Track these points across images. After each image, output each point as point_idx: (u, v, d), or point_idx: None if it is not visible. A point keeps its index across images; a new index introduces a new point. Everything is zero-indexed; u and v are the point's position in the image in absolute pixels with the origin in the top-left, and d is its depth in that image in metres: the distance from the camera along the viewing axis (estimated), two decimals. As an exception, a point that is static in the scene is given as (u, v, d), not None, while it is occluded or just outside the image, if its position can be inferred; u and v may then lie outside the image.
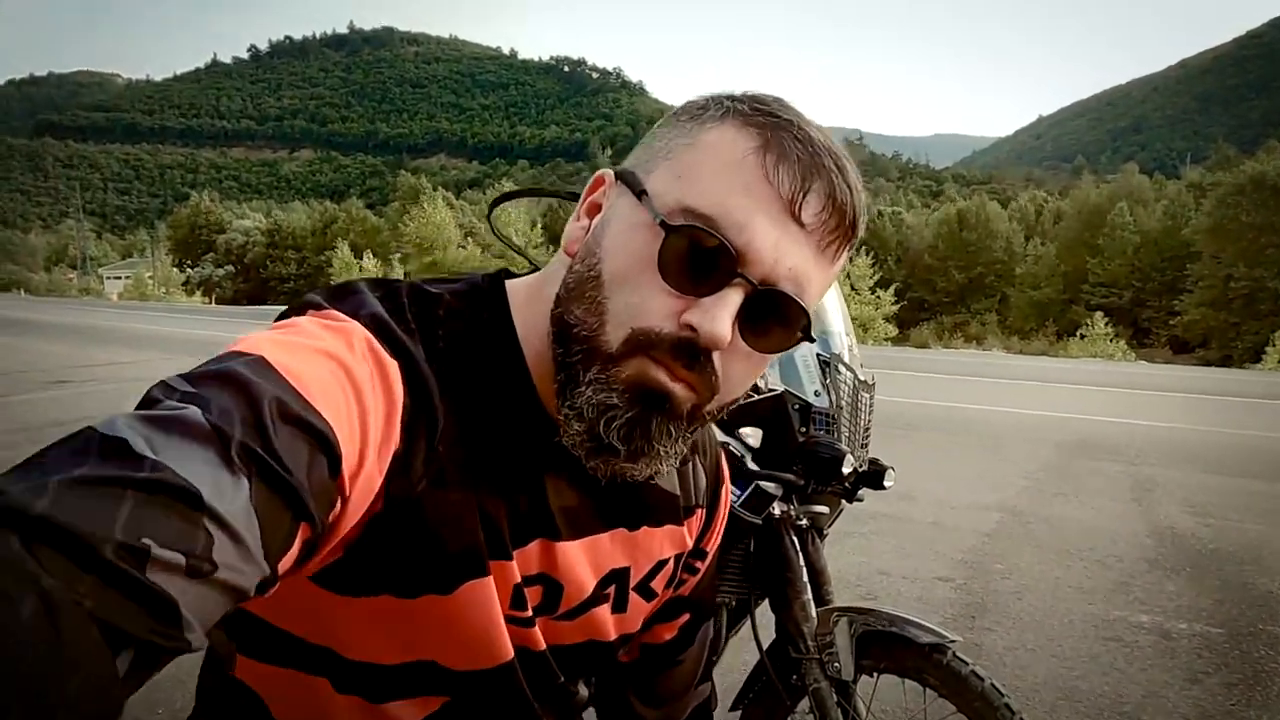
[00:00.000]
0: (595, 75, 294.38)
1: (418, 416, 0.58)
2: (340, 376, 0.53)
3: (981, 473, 5.82)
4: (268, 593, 0.46)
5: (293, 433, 0.47)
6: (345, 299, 0.61)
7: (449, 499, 0.60)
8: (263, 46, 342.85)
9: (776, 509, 1.50)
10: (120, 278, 72.36)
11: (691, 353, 0.58)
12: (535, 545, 0.67)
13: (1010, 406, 9.54)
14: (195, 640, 0.40)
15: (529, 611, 0.68)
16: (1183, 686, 2.68)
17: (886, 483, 1.56)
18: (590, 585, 0.72)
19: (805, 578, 1.51)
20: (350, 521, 0.54)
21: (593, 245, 0.62)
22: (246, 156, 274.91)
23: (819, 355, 1.55)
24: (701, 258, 0.57)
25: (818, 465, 1.46)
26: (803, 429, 1.50)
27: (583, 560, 0.70)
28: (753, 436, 1.51)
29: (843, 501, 1.60)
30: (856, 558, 3.81)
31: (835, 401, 1.53)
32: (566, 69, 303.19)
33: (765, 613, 1.58)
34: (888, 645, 1.43)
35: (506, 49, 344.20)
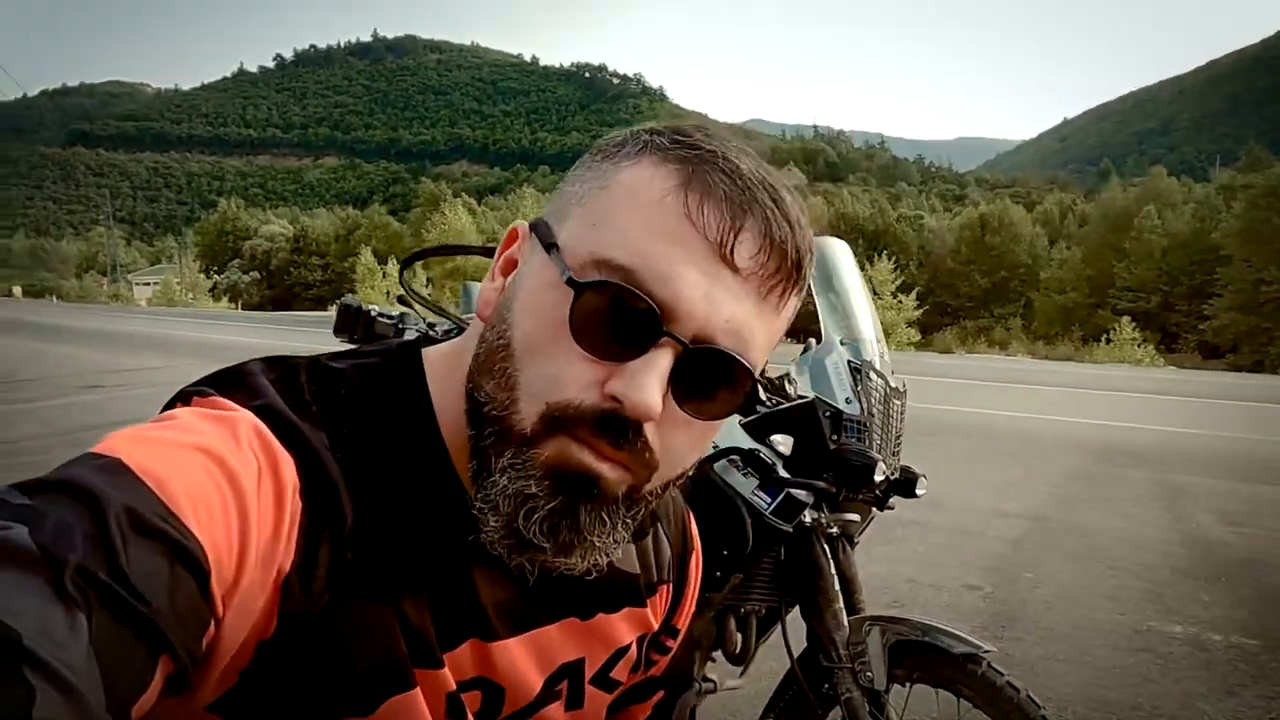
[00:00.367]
0: (616, 81, 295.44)
1: (319, 517, 0.51)
2: (216, 475, 0.46)
3: (1008, 480, 5.75)
4: None
5: (147, 547, 0.41)
6: (234, 384, 0.54)
7: (361, 609, 0.52)
8: (288, 55, 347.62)
9: (808, 516, 1.49)
10: (149, 284, 73.67)
11: (618, 427, 0.50)
12: (467, 647, 0.59)
13: (1036, 412, 9.43)
14: None
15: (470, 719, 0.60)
16: (1219, 699, 2.63)
17: (918, 490, 1.55)
18: (537, 684, 0.64)
19: (837, 586, 1.50)
20: (233, 641, 0.47)
21: (504, 309, 0.55)
22: (272, 164, 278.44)
23: (850, 362, 1.54)
24: (621, 317, 0.50)
25: (849, 473, 1.45)
26: (834, 436, 1.49)
27: (525, 658, 0.63)
28: (784, 444, 1.51)
29: (874, 509, 1.59)
30: (883, 565, 3.78)
31: (866, 408, 1.52)
32: (587, 75, 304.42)
33: (794, 620, 1.57)
34: (921, 655, 1.42)
35: (528, 56, 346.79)
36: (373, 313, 1.94)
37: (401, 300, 1.40)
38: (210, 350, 14.20)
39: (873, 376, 1.54)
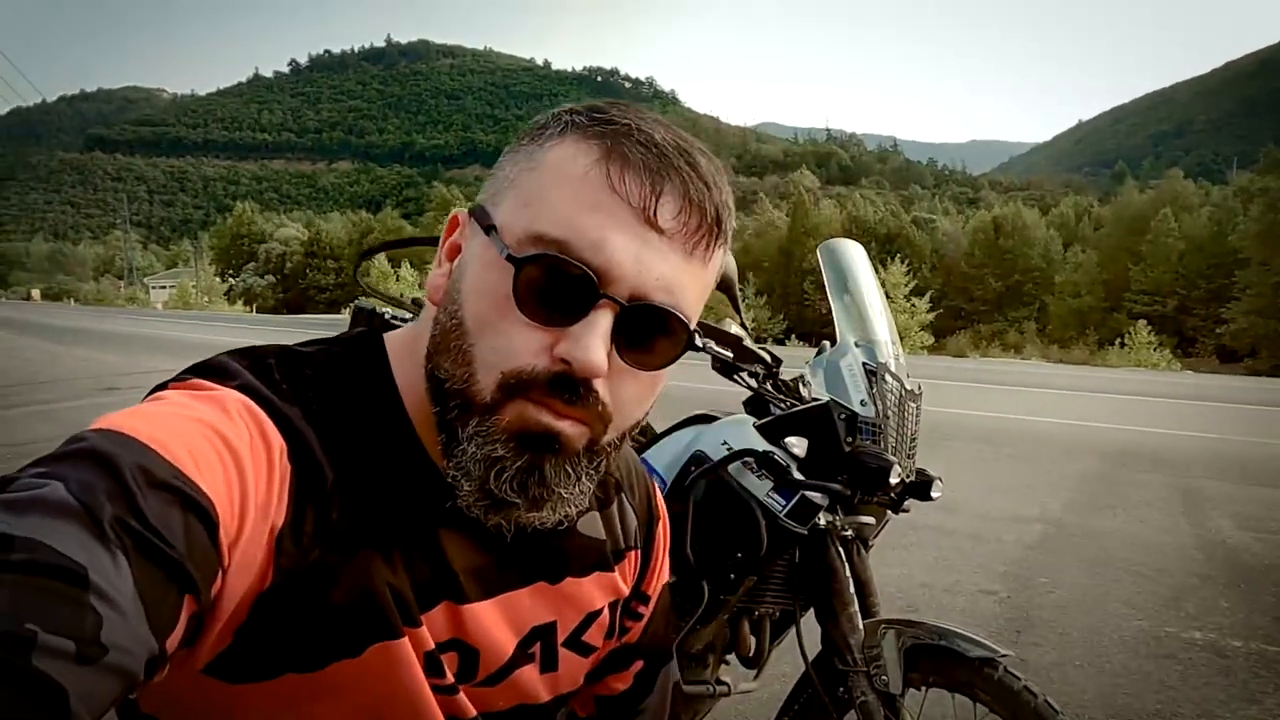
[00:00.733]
0: (628, 85, 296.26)
1: (304, 482, 0.55)
2: (212, 439, 0.50)
3: (1023, 484, 5.71)
4: (156, 676, 0.43)
5: (163, 499, 0.44)
6: (210, 371, 0.58)
7: (347, 564, 0.56)
8: (302, 61, 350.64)
9: (822, 519, 1.48)
10: (165, 287, 74.34)
11: (570, 387, 0.55)
12: (441, 609, 0.62)
13: (1052, 416, 9.36)
14: None
15: (449, 679, 0.63)
16: (1239, 706, 2.59)
17: (934, 493, 1.54)
18: (510, 647, 0.67)
19: (851, 589, 1.49)
20: (233, 596, 0.51)
21: (453, 292, 0.59)
22: (286, 168, 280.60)
23: (865, 364, 1.54)
24: (560, 285, 0.54)
25: (864, 475, 1.44)
26: (849, 439, 1.48)
27: (497, 621, 0.66)
28: (798, 446, 1.50)
29: (888, 512, 1.58)
30: (897, 569, 3.76)
31: (881, 411, 1.51)
32: (599, 79, 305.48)
33: (808, 623, 1.56)
34: (936, 659, 1.41)
35: (540, 60, 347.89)
36: (387, 315, 1.95)
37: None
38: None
39: (888, 379, 1.53)
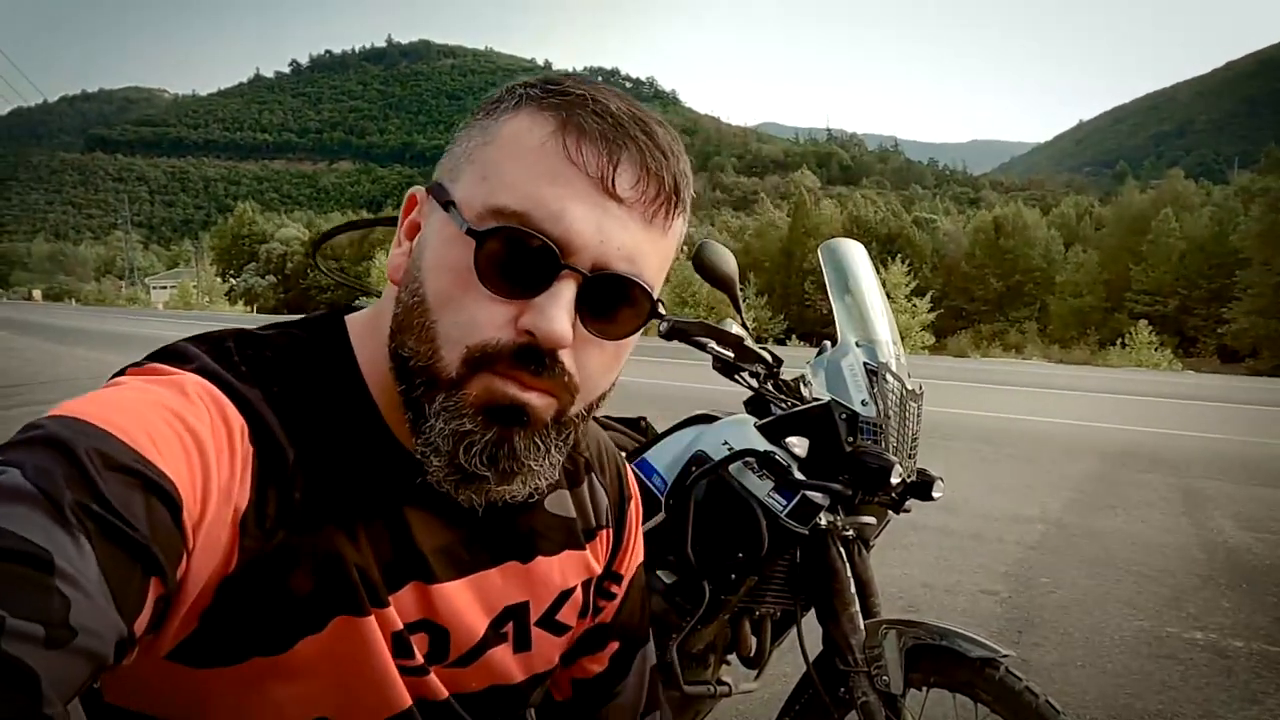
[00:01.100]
0: (629, 85, 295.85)
1: (266, 463, 0.54)
2: (172, 422, 0.49)
3: (1024, 484, 5.70)
4: (125, 659, 0.43)
5: (122, 482, 0.44)
6: (168, 356, 0.57)
7: (311, 545, 0.56)
8: (303, 61, 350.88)
9: (823, 519, 1.48)
10: (166, 287, 74.41)
11: (536, 358, 0.55)
12: (409, 589, 0.62)
13: (1053, 416, 9.36)
14: (56, 716, 0.37)
15: (419, 660, 0.63)
16: (1240, 706, 2.59)
17: (935, 494, 1.53)
18: (481, 627, 0.67)
19: (852, 589, 1.49)
20: (197, 580, 0.50)
21: (413, 269, 0.58)
22: (287, 168, 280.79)
23: (866, 364, 1.53)
24: (521, 257, 0.54)
25: (865, 475, 1.44)
26: (850, 439, 1.48)
27: (468, 601, 0.65)
28: (799, 446, 1.50)
29: (889, 512, 1.58)
30: (898, 570, 3.75)
31: (883, 411, 1.51)
32: (600, 79, 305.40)
33: (809, 623, 1.56)
34: (938, 659, 1.41)
35: (541, 60, 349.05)
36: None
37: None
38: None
39: (889, 379, 1.53)
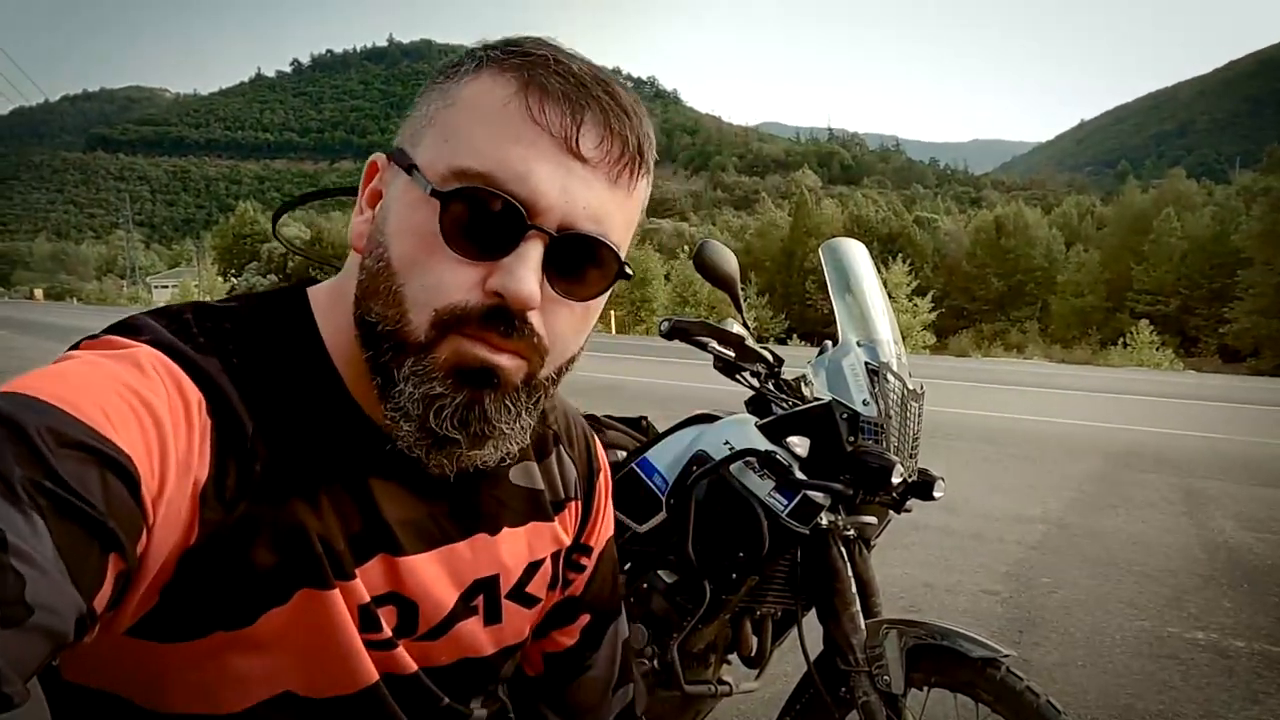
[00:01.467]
0: (630, 85, 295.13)
1: (225, 435, 0.54)
2: (126, 396, 0.48)
3: (1025, 484, 5.70)
4: (86, 636, 0.42)
5: (76, 458, 0.43)
6: (123, 329, 0.56)
7: (273, 517, 0.55)
8: (305, 60, 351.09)
9: (824, 519, 1.48)
10: (167, 286, 74.53)
11: (505, 320, 0.54)
12: (376, 562, 0.61)
13: (1054, 416, 9.35)
14: (16, 695, 0.37)
15: (387, 633, 0.62)
16: (1242, 706, 2.59)
17: (936, 493, 1.53)
18: (450, 600, 0.66)
19: (853, 589, 1.49)
20: (159, 555, 0.49)
21: (377, 235, 0.58)
22: (289, 167, 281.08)
23: (867, 364, 1.53)
24: (487, 218, 0.53)
25: (866, 475, 1.44)
26: (851, 438, 1.48)
27: (437, 574, 0.65)
28: (800, 446, 1.50)
29: (890, 512, 1.57)
30: (899, 569, 3.75)
31: (884, 410, 1.50)
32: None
33: (810, 623, 1.56)
34: (938, 659, 1.41)
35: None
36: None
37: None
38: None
39: (890, 378, 1.53)
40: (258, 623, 0.55)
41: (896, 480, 1.44)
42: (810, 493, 1.44)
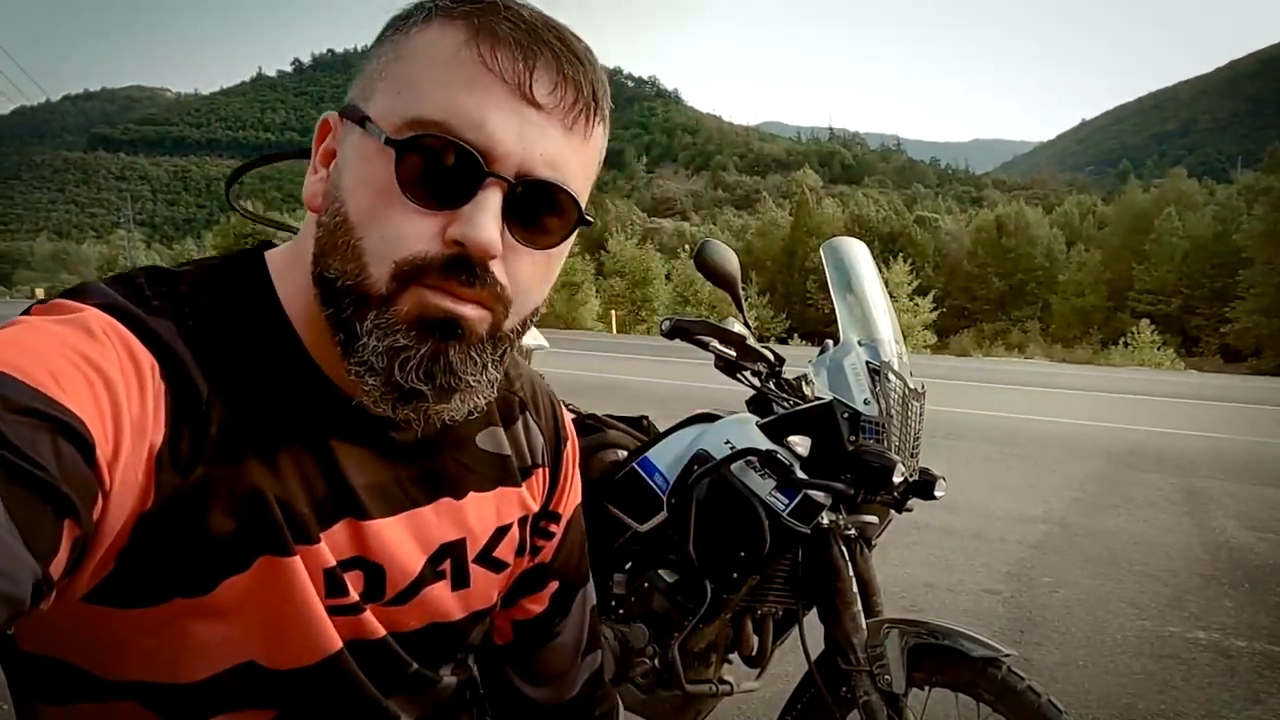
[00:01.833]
0: (630, 84, 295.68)
1: (180, 398, 0.53)
2: (76, 360, 0.47)
3: (1027, 483, 5.69)
4: (42, 603, 0.42)
5: (27, 424, 0.42)
6: (74, 292, 0.56)
7: (231, 480, 0.55)
8: (305, 60, 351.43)
9: (825, 518, 1.48)
10: (168, 286, 74.55)
11: (467, 268, 0.54)
12: (342, 526, 0.61)
13: (1056, 416, 9.34)
14: None
15: (353, 597, 0.62)
16: (1243, 706, 2.58)
17: (937, 493, 1.53)
18: (417, 564, 0.66)
19: (854, 588, 1.48)
20: (116, 520, 0.49)
21: (333, 192, 0.57)
22: (290, 167, 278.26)
23: (868, 363, 1.53)
24: (444, 167, 0.53)
25: (867, 474, 1.44)
26: (852, 437, 1.47)
27: (403, 538, 0.65)
28: (801, 445, 1.50)
29: (891, 511, 1.57)
30: (899, 569, 3.75)
31: (885, 410, 1.50)
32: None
33: (811, 623, 1.56)
34: (940, 658, 1.40)
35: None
36: None
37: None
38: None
39: (891, 377, 1.53)
40: (217, 590, 0.54)
41: (898, 479, 1.44)
42: (811, 492, 1.44)
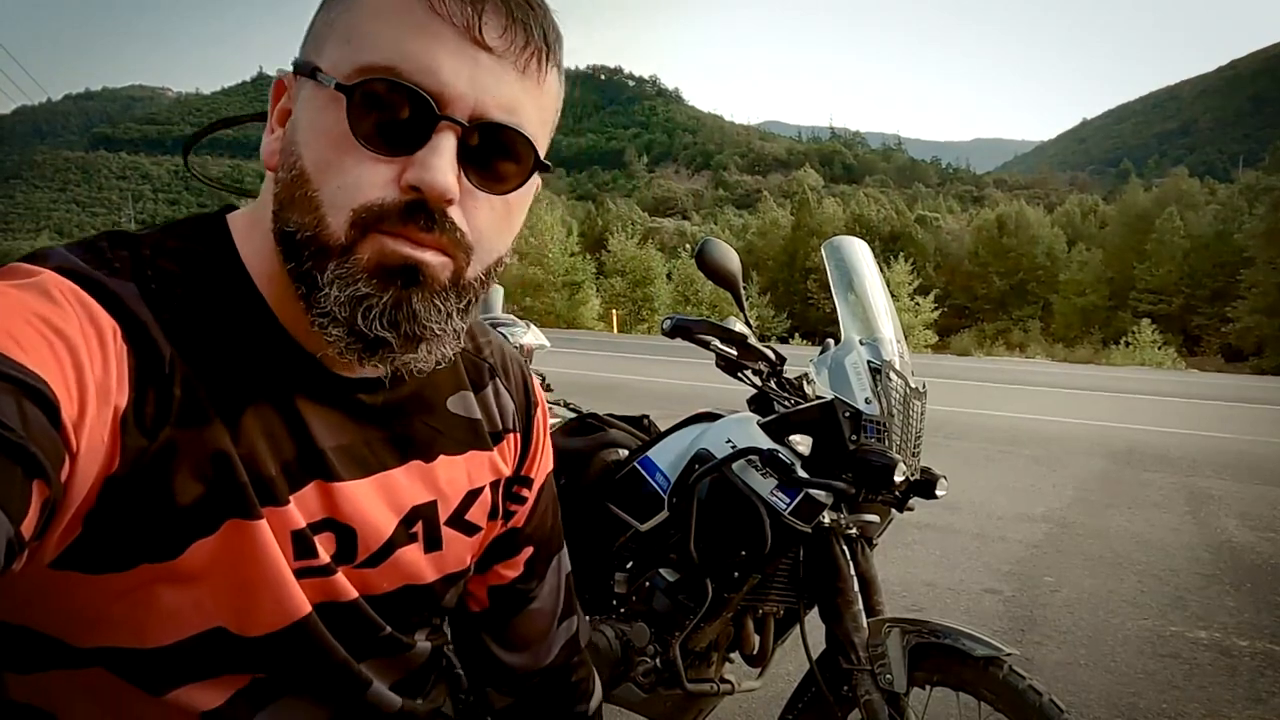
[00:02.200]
0: (631, 83, 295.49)
1: (143, 361, 0.53)
2: (36, 324, 0.47)
3: (1028, 483, 5.69)
4: (15, 564, 0.42)
5: None
6: (33, 257, 0.55)
7: (197, 442, 0.54)
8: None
9: (826, 517, 1.48)
10: (169, 286, 74.62)
11: (425, 213, 0.54)
12: (312, 488, 0.61)
13: (1057, 415, 9.34)
14: None
15: (325, 559, 0.61)
16: (1245, 705, 2.58)
17: (939, 492, 1.53)
18: (389, 527, 0.66)
19: (856, 587, 1.48)
20: (83, 484, 0.49)
21: (289, 147, 0.57)
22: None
23: (869, 362, 1.53)
24: (396, 112, 0.53)
25: (869, 473, 1.44)
26: (853, 437, 1.47)
27: (373, 500, 0.65)
28: (803, 444, 1.50)
29: (893, 511, 1.57)
30: (901, 569, 3.75)
31: (886, 409, 1.50)
32: (603, 77, 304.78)
33: (812, 622, 1.56)
34: (941, 657, 1.40)
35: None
36: None
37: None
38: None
39: (892, 377, 1.53)
40: (185, 554, 0.54)
41: (899, 479, 1.44)
42: (812, 491, 1.44)
